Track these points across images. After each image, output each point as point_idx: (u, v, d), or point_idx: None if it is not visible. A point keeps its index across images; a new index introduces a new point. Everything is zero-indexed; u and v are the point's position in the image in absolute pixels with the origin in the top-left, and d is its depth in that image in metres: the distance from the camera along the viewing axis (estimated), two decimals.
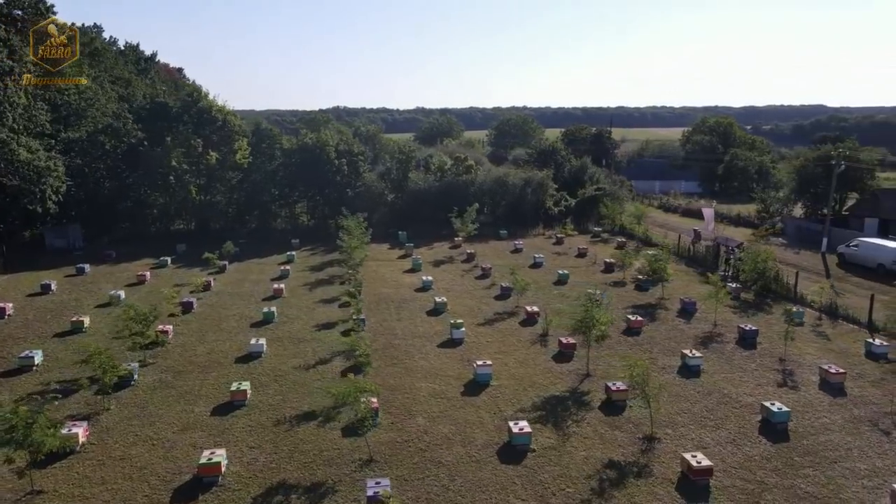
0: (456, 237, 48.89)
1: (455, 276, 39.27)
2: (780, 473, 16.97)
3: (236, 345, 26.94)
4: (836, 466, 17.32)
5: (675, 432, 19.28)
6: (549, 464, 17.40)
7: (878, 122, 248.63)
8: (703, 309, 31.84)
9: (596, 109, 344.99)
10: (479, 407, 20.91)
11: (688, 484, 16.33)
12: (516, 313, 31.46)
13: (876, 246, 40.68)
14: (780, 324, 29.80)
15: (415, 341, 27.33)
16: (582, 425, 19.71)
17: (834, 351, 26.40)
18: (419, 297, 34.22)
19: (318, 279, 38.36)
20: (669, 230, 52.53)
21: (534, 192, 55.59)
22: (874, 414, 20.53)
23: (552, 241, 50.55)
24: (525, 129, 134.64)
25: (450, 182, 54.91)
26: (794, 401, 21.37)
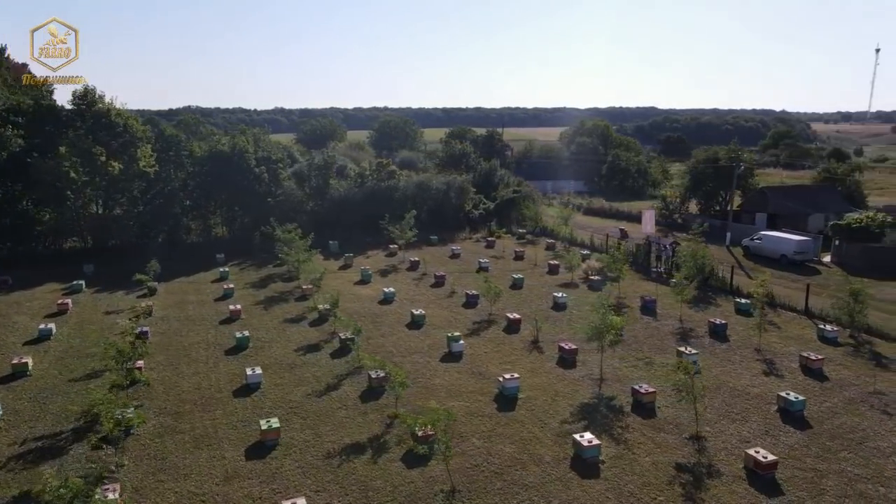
0: (392, 244, 48.06)
1: (408, 285, 38.60)
2: (825, 459, 18.54)
3: (224, 376, 24.73)
4: (864, 447, 19.22)
5: (712, 429, 20.37)
6: (625, 473, 17.74)
7: (703, 123, 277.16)
8: (662, 305, 33.89)
9: (456, 110, 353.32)
10: (524, 422, 20.81)
11: (758, 479, 17.36)
12: (495, 321, 31.58)
13: (778, 238, 45.43)
14: (734, 315, 32.56)
15: (414, 358, 26.60)
16: (628, 431, 20.27)
17: (791, 338, 29.17)
18: (388, 311, 33.29)
19: (268, 297, 36.08)
20: (591, 230, 55.06)
21: (456, 196, 55.98)
22: (860, 395, 22.99)
23: (483, 244, 51.23)
24: (406, 131, 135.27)
25: (373, 188, 53.80)
26: (791, 388, 23.39)
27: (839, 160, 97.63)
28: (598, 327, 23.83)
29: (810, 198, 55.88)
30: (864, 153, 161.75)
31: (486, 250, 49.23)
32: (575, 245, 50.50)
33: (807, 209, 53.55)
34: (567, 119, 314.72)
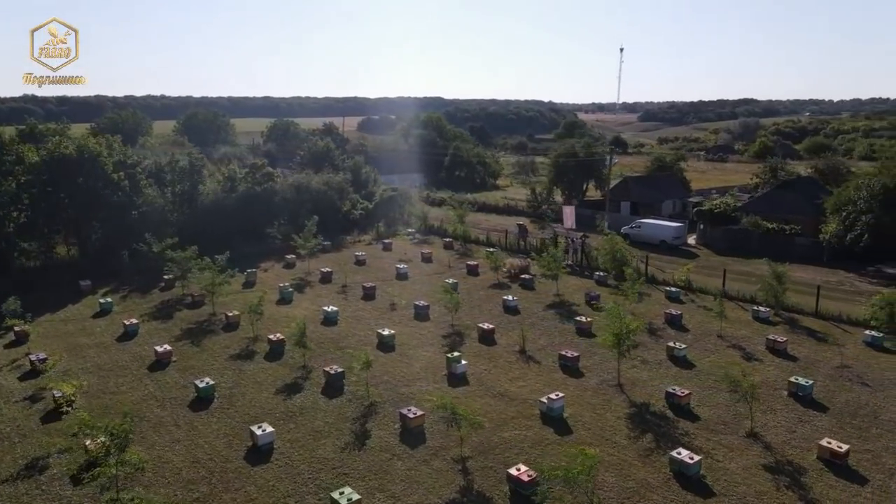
0: (289, 255, 43.70)
1: (338, 301, 35.36)
2: (866, 438, 20.36)
3: (216, 440, 20.40)
4: (881, 421, 21.48)
5: (753, 423, 21.37)
6: (731, 483, 17.81)
7: (491, 113, 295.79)
8: (605, 300, 35.05)
9: (212, 99, 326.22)
10: (595, 443, 19.95)
11: (840, 468, 18.53)
12: (462, 332, 30.17)
13: (656, 225, 49.59)
14: (668, 304, 34.73)
15: (420, 386, 24.31)
16: (689, 437, 20.46)
17: (730, 319, 31.84)
18: (343, 334, 30.13)
19: (186, 330, 30.68)
20: (482, 228, 55.19)
21: (338, 196, 52.68)
22: (832, 370, 25.73)
23: (379, 247, 48.87)
24: (217, 124, 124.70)
25: (249, 192, 48.44)
26: (773, 370, 25.50)
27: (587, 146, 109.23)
28: (619, 334, 23.67)
29: (661, 186, 61.94)
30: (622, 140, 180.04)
31: (386, 254, 47.03)
32: (470, 243, 50.40)
33: (661, 196, 59.27)
34: (360, 109, 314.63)
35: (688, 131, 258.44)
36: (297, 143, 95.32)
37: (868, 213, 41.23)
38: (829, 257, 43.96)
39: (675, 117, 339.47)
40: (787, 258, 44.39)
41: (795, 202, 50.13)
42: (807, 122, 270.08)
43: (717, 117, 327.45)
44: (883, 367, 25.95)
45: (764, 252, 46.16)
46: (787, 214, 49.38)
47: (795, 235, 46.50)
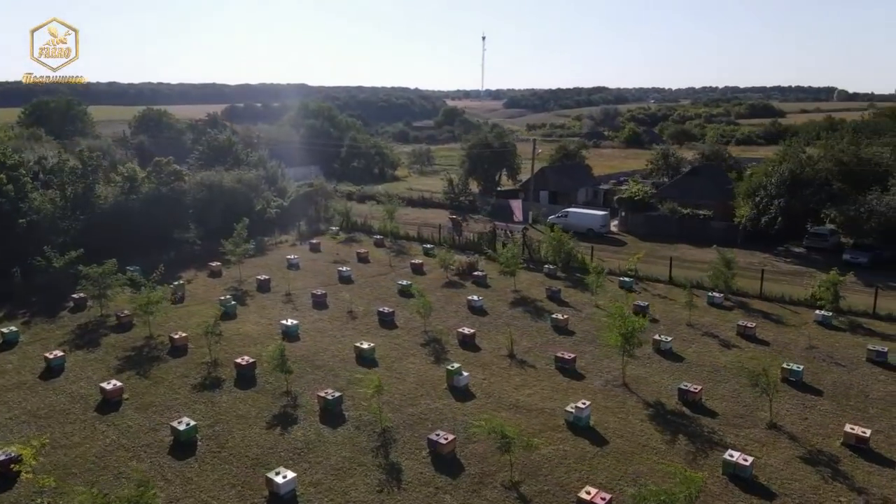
0: (216, 261, 39.52)
1: (286, 311, 32.40)
2: (869, 419, 21.35)
3: (226, 494, 17.56)
4: (873, 401, 22.74)
5: (768, 412, 21.83)
6: (782, 480, 17.87)
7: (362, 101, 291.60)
8: (566, 294, 34.89)
9: (47, 85, 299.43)
10: (637, 451, 19.35)
11: (868, 453, 19.26)
12: (440, 339, 28.62)
13: (583, 214, 50.45)
14: (622, 292, 35.22)
15: (427, 403, 22.53)
16: (715, 434, 20.46)
17: (686, 307, 32.79)
18: (312, 350, 27.47)
19: (123, 359, 26.57)
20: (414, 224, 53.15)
21: (256, 195, 48.60)
22: (804, 352, 27.09)
23: (307, 248, 45.66)
24: (73, 113, 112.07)
25: (155, 194, 43.27)
26: (759, 355, 26.39)
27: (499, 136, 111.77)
28: (626, 333, 23.26)
29: (574, 174, 63.29)
30: None
31: (317, 255, 44.05)
32: (401, 239, 48.58)
33: (576, 185, 60.56)
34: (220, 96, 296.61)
35: (551, 117, 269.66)
36: (175, 136, 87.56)
37: (779, 197, 44.33)
38: (742, 239, 46.90)
39: (538, 104, 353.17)
40: (705, 241, 47.02)
41: (705, 188, 53.07)
42: (656, 108, 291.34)
43: (575, 104, 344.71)
44: (844, 346, 27.71)
45: (683, 236, 48.60)
46: (698, 200, 52.17)
47: (711, 220, 49.19)
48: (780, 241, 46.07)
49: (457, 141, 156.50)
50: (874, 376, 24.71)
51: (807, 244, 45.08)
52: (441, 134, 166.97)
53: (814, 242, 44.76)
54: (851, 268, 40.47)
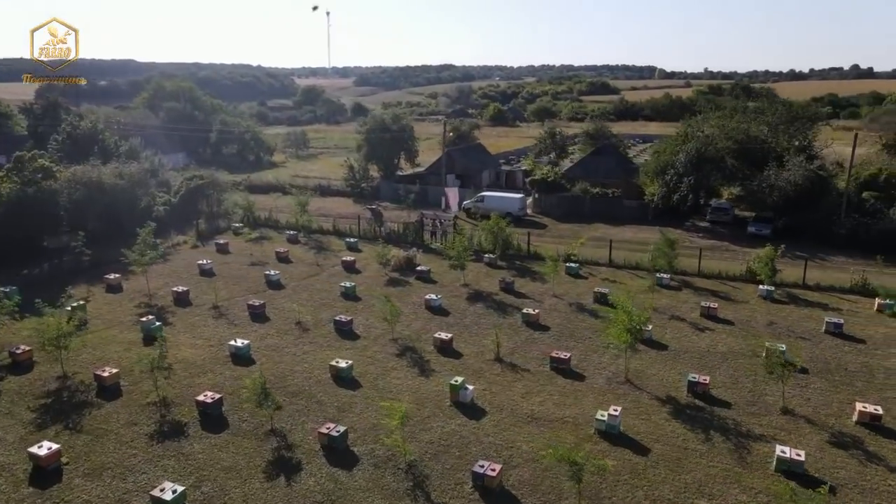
0: (113, 273, 33.67)
1: (224, 328, 28.30)
2: (859, 392, 22.33)
3: None
4: (853, 374, 23.81)
5: (773, 397, 22.09)
6: (828, 469, 17.88)
7: (203, 78, 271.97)
8: (519, 285, 33.74)
9: None
10: (682, 457, 18.54)
11: (884, 430, 19.93)
12: (413, 347, 26.28)
13: (500, 198, 49.56)
14: (569, 279, 34.84)
15: (439, 425, 20.29)
16: (744, 425, 20.26)
17: (639, 289, 33.04)
18: (278, 373, 23.96)
19: (40, 408, 21.53)
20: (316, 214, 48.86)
21: (143, 192, 42.32)
22: (766, 328, 28.03)
23: (214, 249, 40.56)
24: None
25: (18, 195, 36.08)
26: (732, 336, 26.93)
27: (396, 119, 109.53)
28: (633, 329, 22.40)
29: (477, 156, 62.19)
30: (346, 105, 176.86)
31: (229, 258, 39.27)
32: (314, 233, 44.85)
33: (480, 166, 59.56)
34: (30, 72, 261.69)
35: (404, 95, 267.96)
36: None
37: (687, 175, 46.28)
38: (652, 217, 48.58)
39: (388, 81, 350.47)
40: (618, 220, 48.18)
41: (609, 167, 54.36)
42: (505, 86, 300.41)
43: (426, 82, 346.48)
44: (799, 319, 29.10)
45: (597, 216, 49.44)
46: (604, 179, 53.36)
47: (623, 198, 50.45)
48: (686, 216, 48.27)
49: (321, 122, 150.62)
50: (839, 348, 26.01)
51: (710, 218, 47.60)
52: (303, 115, 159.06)
53: (717, 216, 47.35)
54: (757, 239, 43.23)
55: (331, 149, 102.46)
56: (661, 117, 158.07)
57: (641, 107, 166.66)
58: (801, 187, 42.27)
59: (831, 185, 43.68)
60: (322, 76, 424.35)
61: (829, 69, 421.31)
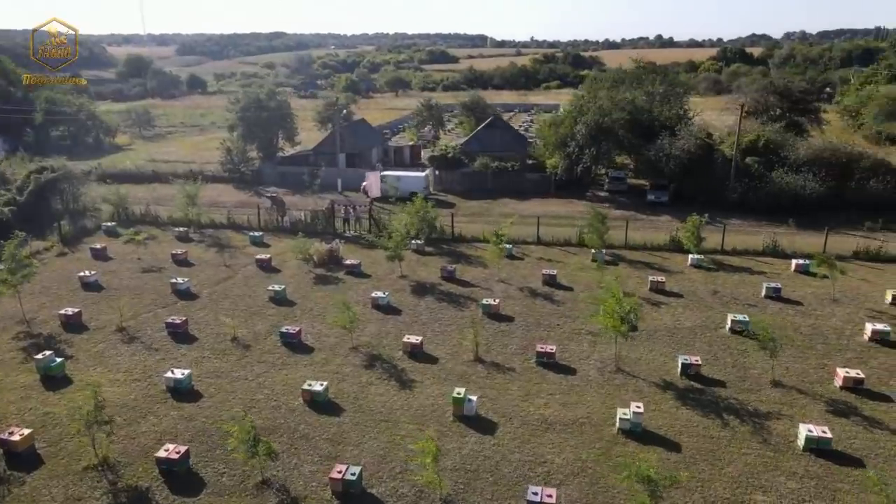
0: None
1: (141, 356, 23.78)
2: (825, 356, 23.42)
3: None
4: (808, 337, 25.00)
5: (757, 369, 22.46)
6: (843, 441, 18.33)
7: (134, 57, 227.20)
8: (460, 272, 31.99)
9: None
10: (714, 448, 18.08)
11: (868, 392, 20.89)
12: (380, 355, 23.73)
13: (405, 177, 47.04)
14: (508, 262, 33.82)
15: (458, 445, 18.21)
16: (748, 404, 20.35)
17: (584, 268, 32.76)
18: (235, 406, 20.38)
19: None
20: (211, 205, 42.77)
21: None
22: (715, 298, 28.77)
23: (90, 255, 34.27)
24: None
25: None
26: (687, 309, 27.31)
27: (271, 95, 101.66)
28: (625, 315, 21.57)
29: (364, 133, 58.62)
30: None
31: (113, 265, 33.39)
32: (206, 228, 39.70)
33: (370, 144, 56.32)
34: None
35: (236, 66, 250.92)
36: None
37: (588, 147, 46.85)
38: (554, 189, 48.85)
39: (216, 50, 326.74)
40: (522, 194, 48.01)
41: (505, 140, 53.78)
42: (345, 55, 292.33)
43: (258, 50, 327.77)
44: (737, 285, 30.26)
45: (500, 190, 48.85)
46: (501, 152, 52.73)
47: (525, 171, 50.12)
48: (585, 188, 49.11)
49: (154, 97, 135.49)
50: (785, 312, 27.30)
51: (608, 188, 48.79)
52: (131, 89, 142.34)
53: (614, 186, 48.62)
54: (656, 206, 45.02)
55: (178, 127, 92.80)
56: (510, 86, 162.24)
57: (490, 75, 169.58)
58: (693, 155, 44.35)
59: (717, 152, 46.31)
60: (137, 44, 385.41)
61: (638, 38, 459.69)
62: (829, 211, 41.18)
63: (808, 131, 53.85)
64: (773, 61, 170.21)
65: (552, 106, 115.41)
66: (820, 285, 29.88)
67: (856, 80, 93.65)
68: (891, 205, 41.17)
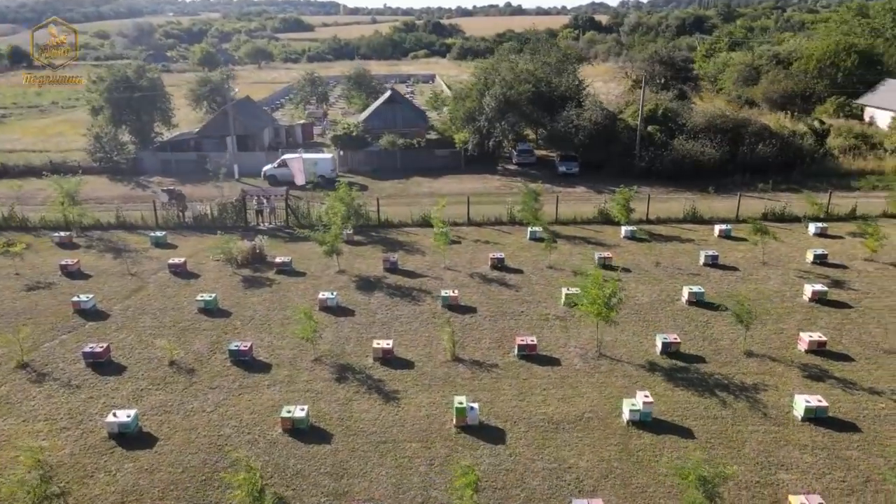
0: None
1: (62, 397, 20.03)
2: (779, 320, 24.46)
3: None
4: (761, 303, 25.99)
5: (725, 339, 22.98)
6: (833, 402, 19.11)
7: None
8: (402, 262, 30.19)
9: None
10: (723, 428, 18.11)
11: (825, 353, 21.92)
12: (349, 366, 21.68)
13: (310, 160, 43.75)
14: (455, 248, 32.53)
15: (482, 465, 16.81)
16: (740, 378, 20.67)
17: (521, 246, 32.15)
18: (204, 450, 17.60)
19: None
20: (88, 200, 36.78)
21: None
22: (659, 270, 29.18)
23: None
24: None
25: None
26: (641, 283, 27.54)
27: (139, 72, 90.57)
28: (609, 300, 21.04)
29: (252, 113, 53.77)
30: None
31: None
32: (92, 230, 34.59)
33: (261, 124, 51.90)
34: None
35: (46, 36, 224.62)
36: None
37: (498, 120, 46.12)
38: (464, 164, 47.83)
39: (32, 18, 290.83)
40: (434, 171, 46.74)
41: (407, 116, 51.74)
42: (189, 24, 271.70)
43: (83, 17, 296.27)
44: (674, 255, 30.99)
45: (412, 169, 47.21)
46: (403, 128, 50.75)
47: (435, 148, 48.51)
48: (496, 162, 48.56)
49: None
50: (726, 279, 28.28)
51: (518, 161, 48.55)
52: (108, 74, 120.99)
53: (524, 158, 48.47)
54: (568, 178, 45.51)
55: (11, 109, 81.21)
56: (377, 55, 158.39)
57: (356, 45, 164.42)
58: (600, 125, 45.07)
59: (620, 122, 47.41)
60: None
61: (489, 6, 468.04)
62: (726, 175, 43.66)
63: (691, 98, 56.73)
64: (623, 30, 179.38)
65: (428, 76, 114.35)
66: (745, 249, 31.35)
67: (701, 48, 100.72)
68: (777, 167, 44.31)
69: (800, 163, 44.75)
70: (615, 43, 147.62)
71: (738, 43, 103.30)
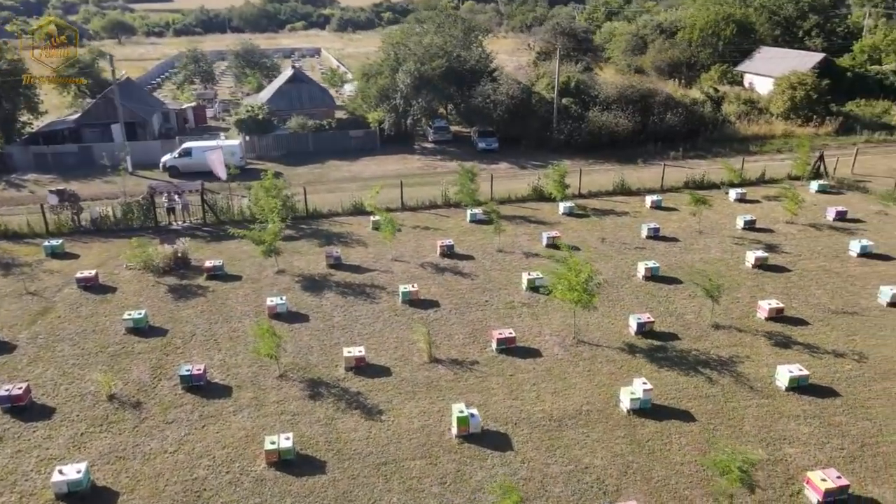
0: None
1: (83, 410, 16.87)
2: (736, 288, 25.12)
3: None
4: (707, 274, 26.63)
5: (693, 315, 23.27)
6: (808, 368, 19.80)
7: None
8: (349, 255, 28.25)
9: None
10: (719, 408, 18.18)
11: (788, 319, 22.72)
12: (320, 380, 19.86)
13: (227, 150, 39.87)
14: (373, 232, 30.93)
15: (493, 478, 15.79)
16: (715, 353, 20.93)
17: (463, 230, 31.12)
18: (179, 492, 15.35)
19: None
20: None
21: None
22: (607, 247, 29.21)
23: None
24: None
25: None
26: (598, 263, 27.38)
27: None
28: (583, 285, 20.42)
29: (138, 96, 48.24)
30: None
31: None
32: None
33: (149, 109, 46.81)
34: None
35: None
36: None
37: (415, 98, 44.37)
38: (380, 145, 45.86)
39: None
40: (349, 154, 44.67)
41: (313, 95, 48.71)
42: None
43: None
44: (616, 229, 31.18)
45: (325, 152, 44.80)
46: (310, 109, 47.84)
47: (348, 129, 45.99)
48: (412, 140, 46.96)
49: None
50: (670, 251, 28.76)
51: (434, 138, 47.21)
52: None
53: (440, 136, 47.19)
54: (488, 153, 44.89)
55: None
56: (251, 28, 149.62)
57: (227, 17, 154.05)
58: (517, 99, 44.60)
59: (535, 95, 47.16)
60: None
61: None
62: (639, 145, 44.78)
63: (594, 69, 57.64)
64: None
65: (312, 50, 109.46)
66: (679, 219, 32.17)
67: (580, 18, 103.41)
68: (683, 135, 45.99)
69: (703, 130, 46.65)
70: (495, 13, 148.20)
71: (614, 13, 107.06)
